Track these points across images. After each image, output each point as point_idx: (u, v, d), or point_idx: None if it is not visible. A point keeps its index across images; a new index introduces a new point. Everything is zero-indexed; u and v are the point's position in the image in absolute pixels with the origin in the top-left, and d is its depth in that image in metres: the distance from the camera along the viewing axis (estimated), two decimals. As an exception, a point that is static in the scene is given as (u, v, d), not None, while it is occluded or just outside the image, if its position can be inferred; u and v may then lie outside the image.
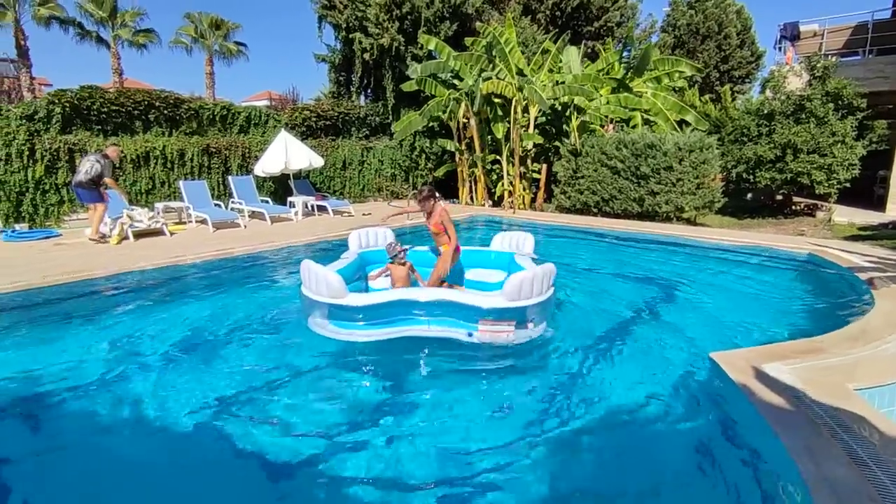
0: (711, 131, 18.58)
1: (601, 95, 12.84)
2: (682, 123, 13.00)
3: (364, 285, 5.59)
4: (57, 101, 10.18)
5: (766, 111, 12.41)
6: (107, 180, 8.74)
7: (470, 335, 4.27)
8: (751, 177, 12.12)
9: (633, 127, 12.44)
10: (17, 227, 9.66)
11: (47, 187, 10.04)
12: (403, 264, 5.30)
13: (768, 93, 13.08)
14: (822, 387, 3.51)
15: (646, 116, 12.62)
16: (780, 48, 16.03)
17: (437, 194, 5.57)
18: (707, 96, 22.38)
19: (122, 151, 10.47)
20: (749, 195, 14.08)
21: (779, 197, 13.62)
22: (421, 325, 4.49)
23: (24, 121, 9.80)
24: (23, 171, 9.76)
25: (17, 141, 9.63)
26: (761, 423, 3.06)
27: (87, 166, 8.61)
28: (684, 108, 12.34)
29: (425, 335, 4.43)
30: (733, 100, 21.49)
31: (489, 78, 12.77)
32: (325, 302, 4.36)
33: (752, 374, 3.70)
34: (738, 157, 12.37)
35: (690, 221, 11.24)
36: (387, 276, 5.41)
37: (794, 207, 13.36)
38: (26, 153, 9.75)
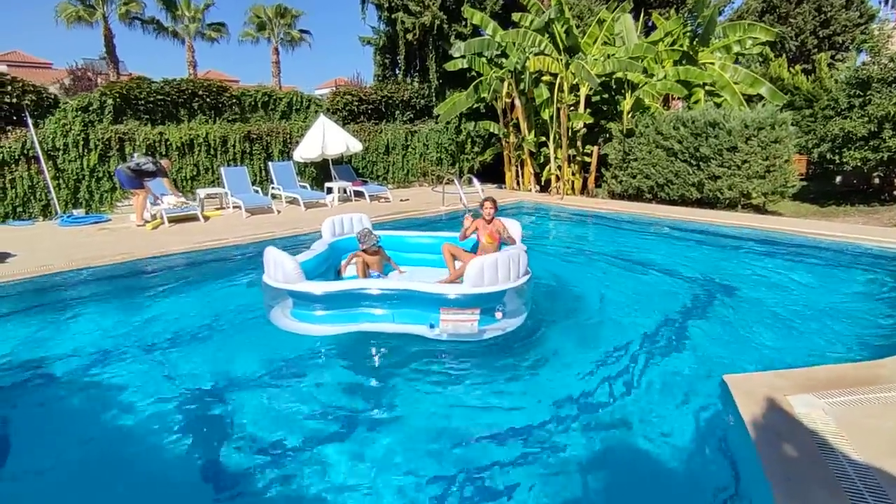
0: (802, 106, 16.45)
1: (662, 69, 11.54)
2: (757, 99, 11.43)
3: (335, 278, 5.28)
4: (109, 92, 10.70)
5: (861, 78, 10.53)
6: (164, 180, 9.39)
7: (432, 326, 3.93)
8: (836, 157, 10.39)
9: (696, 103, 11.08)
10: (74, 212, 10.33)
11: (101, 175, 10.62)
12: (375, 253, 5.08)
13: (865, 57, 11.11)
14: (866, 433, 2.70)
15: (710, 89, 11.18)
16: (887, 1, 13.60)
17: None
18: (798, 66, 19.85)
19: (172, 163, 11.13)
20: (838, 178, 12.18)
21: (875, 180, 11.66)
22: (385, 319, 4.17)
23: (79, 112, 10.38)
24: (79, 159, 10.37)
25: (72, 132, 10.23)
26: (761, 483, 2.36)
27: (139, 160, 9.10)
28: (757, 80, 10.78)
29: (390, 331, 4.09)
30: (831, 69, 18.88)
31: (538, 54, 11.88)
32: (279, 288, 4.18)
33: (771, 408, 2.93)
34: (822, 134, 10.64)
35: (759, 209, 9.86)
36: (353, 263, 5.15)
37: (895, 192, 11.37)
38: (81, 143, 10.34)
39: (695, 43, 11.38)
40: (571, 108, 11.93)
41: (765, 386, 3.18)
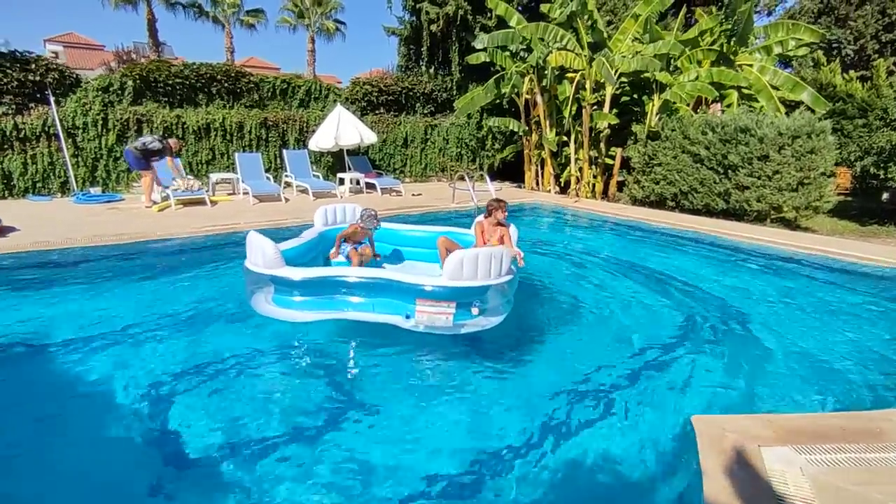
0: (855, 115, 15.29)
1: (695, 69, 10.83)
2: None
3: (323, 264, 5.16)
4: (129, 73, 10.83)
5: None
6: (167, 160, 9.32)
7: (408, 317, 3.83)
8: (881, 171, 9.50)
9: (728, 107, 10.36)
10: (91, 190, 10.53)
11: (118, 154, 10.78)
12: (366, 233, 5.15)
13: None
14: (846, 502, 2.26)
15: (746, 92, 10.43)
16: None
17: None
18: (853, 73, 18.51)
19: (182, 144, 11.21)
20: (885, 195, 11.19)
21: (927, 199, 10.65)
22: (364, 308, 4.05)
23: (99, 92, 10.55)
24: (97, 139, 10.55)
25: (92, 111, 10.41)
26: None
27: (145, 139, 9.12)
28: (799, 85, 9.95)
29: (367, 320, 3.94)
30: (891, 77, 17.52)
31: (561, 49, 11.37)
32: (260, 273, 4.09)
33: (736, 461, 2.53)
34: (867, 146, 9.75)
35: (790, 223, 9.12)
36: (341, 253, 5.10)
37: (949, 214, 10.36)
38: (100, 122, 10.51)
39: (732, 43, 10.62)
40: (595, 107, 11.38)
41: (738, 432, 2.76)
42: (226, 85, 11.82)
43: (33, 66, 9.91)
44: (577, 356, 4.22)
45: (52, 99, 10.11)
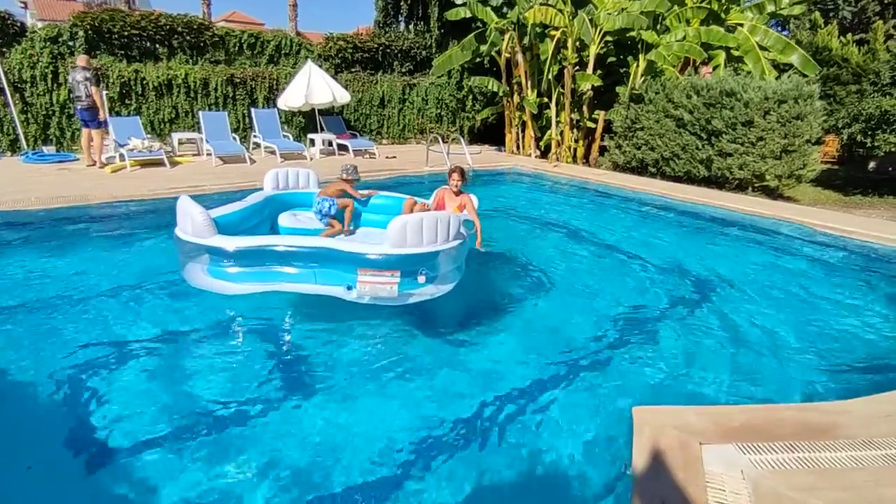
0: (849, 81, 14.81)
1: (682, 29, 10.25)
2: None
3: (269, 232, 4.83)
4: (80, 23, 10.07)
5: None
6: (93, 89, 8.42)
7: (349, 288, 3.55)
8: (868, 140, 9.16)
9: (715, 68, 9.88)
10: (44, 149, 9.94)
11: (72, 111, 10.14)
12: (349, 182, 5.11)
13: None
14: (786, 510, 2.04)
15: (736, 54, 9.93)
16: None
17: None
18: (851, 36, 17.90)
19: (89, 59, 9.09)
20: (872, 164, 10.90)
21: (914, 169, 10.38)
22: (304, 279, 3.75)
23: (47, 43, 9.81)
24: (48, 94, 9.89)
25: (40, 63, 9.70)
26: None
27: (83, 89, 8.43)
28: (789, 46, 9.47)
29: (308, 292, 3.68)
30: (889, 40, 16.99)
31: (543, 4, 10.70)
32: (189, 241, 3.75)
33: (669, 461, 2.30)
34: (855, 113, 9.36)
35: (772, 193, 8.83)
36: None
37: (934, 184, 10.10)
38: (50, 76, 9.82)
39: (723, 0, 10.04)
40: (577, 67, 10.82)
41: (676, 427, 2.52)
42: (188, 38, 11.08)
43: (-29, 12, 9.17)
44: (533, 331, 3.99)
45: (-6, 49, 9.40)
